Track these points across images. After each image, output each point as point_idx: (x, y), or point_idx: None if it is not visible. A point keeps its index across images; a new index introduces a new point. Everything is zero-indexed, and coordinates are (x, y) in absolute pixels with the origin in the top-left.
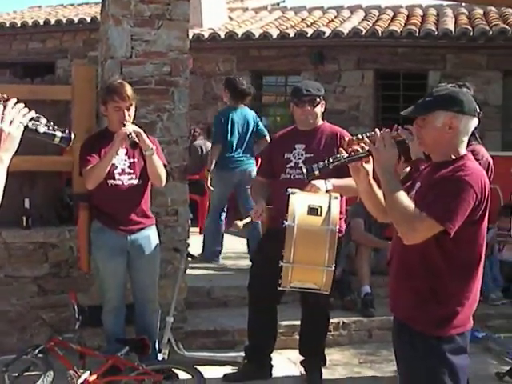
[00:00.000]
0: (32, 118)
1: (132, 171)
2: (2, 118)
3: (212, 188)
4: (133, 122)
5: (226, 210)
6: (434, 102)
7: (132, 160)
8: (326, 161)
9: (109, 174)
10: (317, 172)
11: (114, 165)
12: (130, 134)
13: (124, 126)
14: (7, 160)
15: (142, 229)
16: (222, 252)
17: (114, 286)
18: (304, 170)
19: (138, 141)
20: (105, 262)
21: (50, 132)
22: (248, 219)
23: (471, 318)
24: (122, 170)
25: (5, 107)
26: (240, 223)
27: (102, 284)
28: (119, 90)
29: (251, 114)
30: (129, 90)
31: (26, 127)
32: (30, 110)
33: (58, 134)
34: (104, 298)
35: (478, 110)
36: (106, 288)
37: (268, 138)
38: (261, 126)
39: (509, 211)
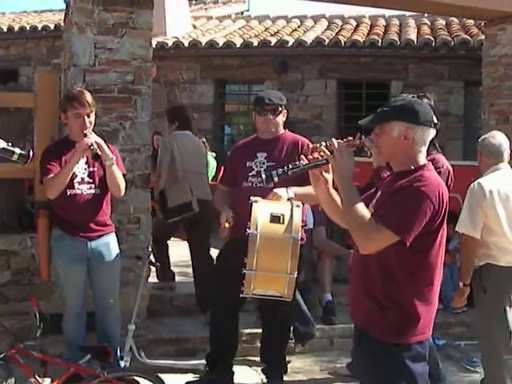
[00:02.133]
0: None
1: (91, 180)
2: None
3: None
4: (94, 130)
5: None
6: (390, 113)
7: (92, 169)
8: (286, 167)
9: (68, 183)
10: (276, 178)
11: (73, 173)
12: (92, 145)
13: (85, 136)
14: None
15: (101, 235)
16: None
17: (75, 293)
18: (263, 176)
19: (99, 152)
20: (65, 270)
21: (10, 148)
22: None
23: (431, 327)
24: (82, 179)
25: None
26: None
27: (62, 291)
28: (79, 97)
29: None
30: (88, 96)
31: None
32: None
33: (17, 150)
34: (65, 305)
35: (434, 120)
36: (67, 295)
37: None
38: None
39: None
